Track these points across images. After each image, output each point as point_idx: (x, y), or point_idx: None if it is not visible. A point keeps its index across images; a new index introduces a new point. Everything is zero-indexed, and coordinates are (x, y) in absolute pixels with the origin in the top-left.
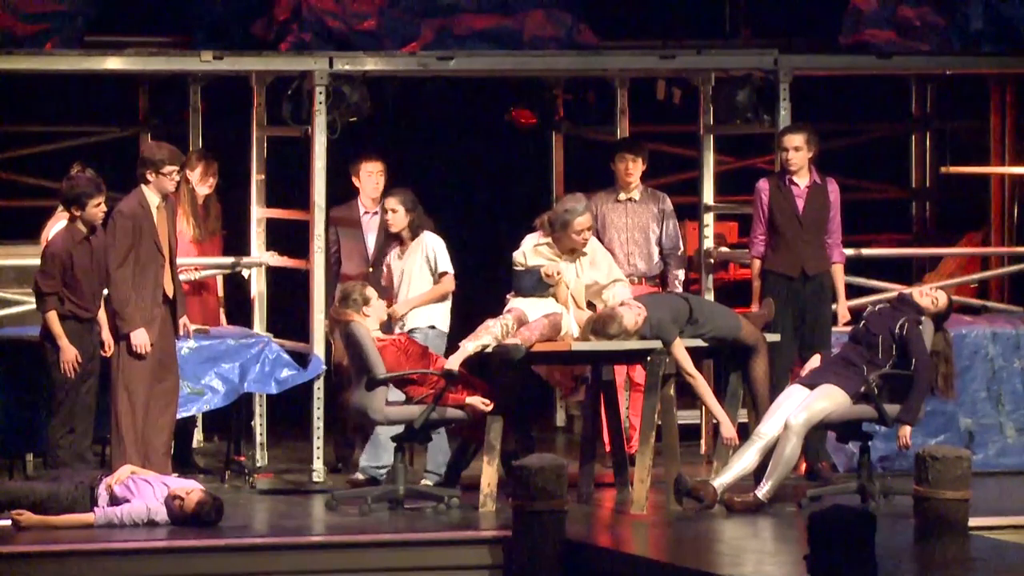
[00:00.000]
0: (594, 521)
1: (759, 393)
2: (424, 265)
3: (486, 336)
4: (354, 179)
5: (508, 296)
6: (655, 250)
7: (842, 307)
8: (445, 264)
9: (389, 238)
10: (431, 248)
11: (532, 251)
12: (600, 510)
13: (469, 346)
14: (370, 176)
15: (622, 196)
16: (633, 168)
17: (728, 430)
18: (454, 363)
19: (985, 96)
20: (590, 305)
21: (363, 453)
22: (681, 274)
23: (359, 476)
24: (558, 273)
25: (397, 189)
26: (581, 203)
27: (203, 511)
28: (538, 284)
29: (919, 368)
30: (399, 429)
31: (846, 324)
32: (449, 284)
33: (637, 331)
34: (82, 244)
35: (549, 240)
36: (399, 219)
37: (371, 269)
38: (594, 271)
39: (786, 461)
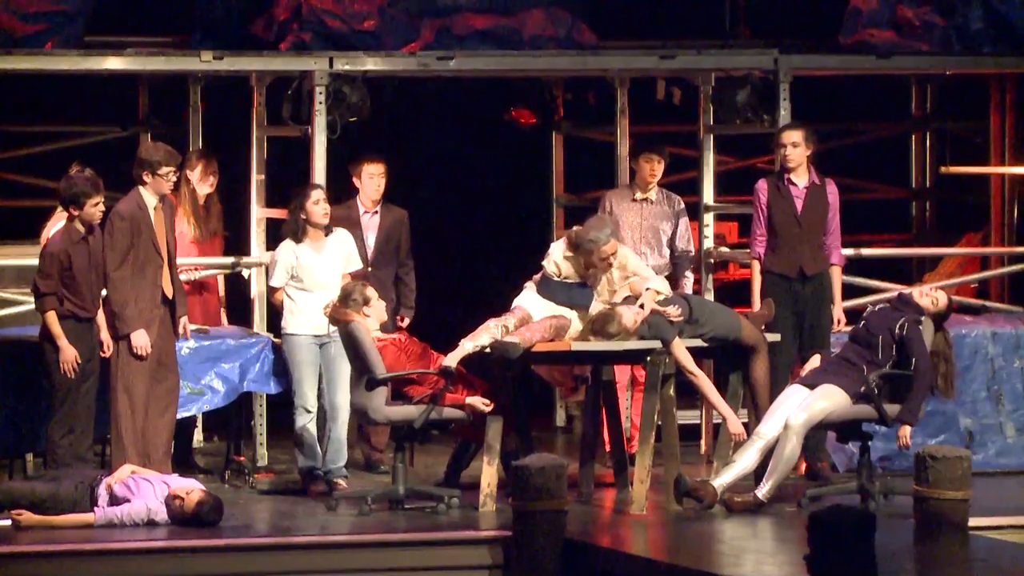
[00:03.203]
0: (594, 521)
1: (759, 393)
2: (342, 261)
3: (485, 336)
4: (355, 179)
5: (525, 285)
6: (666, 251)
7: (837, 310)
8: (359, 259)
9: (298, 231)
10: (351, 244)
11: (562, 261)
12: (600, 510)
13: (468, 345)
14: (372, 178)
15: (638, 195)
16: (658, 169)
17: (735, 426)
18: (452, 360)
19: (985, 96)
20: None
21: (327, 459)
22: (691, 276)
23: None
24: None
25: (317, 183)
26: (605, 231)
27: (203, 511)
28: (574, 297)
29: (919, 368)
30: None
31: (845, 327)
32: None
33: (637, 331)
34: (80, 244)
35: (573, 255)
36: (328, 210)
37: (370, 269)
38: (625, 271)
39: (786, 461)
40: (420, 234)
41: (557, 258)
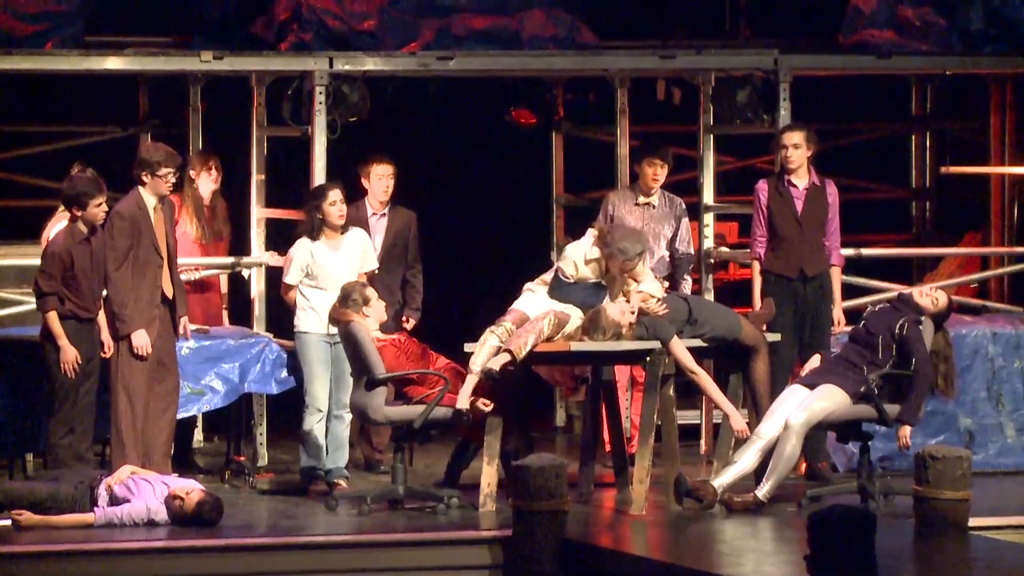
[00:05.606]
0: (594, 521)
1: (759, 393)
2: (358, 260)
3: (486, 351)
4: (363, 180)
5: (524, 288)
6: (665, 254)
7: (837, 310)
8: (376, 259)
9: (314, 230)
10: (367, 243)
11: (582, 264)
12: (600, 510)
13: (475, 367)
14: (380, 179)
15: (641, 200)
16: (660, 174)
17: (738, 423)
18: (463, 401)
19: (985, 96)
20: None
21: (328, 459)
22: (689, 279)
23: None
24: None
25: (336, 181)
26: (636, 247)
27: (203, 511)
28: (590, 297)
29: (919, 368)
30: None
31: (845, 327)
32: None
33: (629, 326)
34: (82, 244)
35: (598, 256)
36: (345, 211)
37: (376, 271)
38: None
39: (786, 461)
40: (418, 233)
41: (577, 258)
